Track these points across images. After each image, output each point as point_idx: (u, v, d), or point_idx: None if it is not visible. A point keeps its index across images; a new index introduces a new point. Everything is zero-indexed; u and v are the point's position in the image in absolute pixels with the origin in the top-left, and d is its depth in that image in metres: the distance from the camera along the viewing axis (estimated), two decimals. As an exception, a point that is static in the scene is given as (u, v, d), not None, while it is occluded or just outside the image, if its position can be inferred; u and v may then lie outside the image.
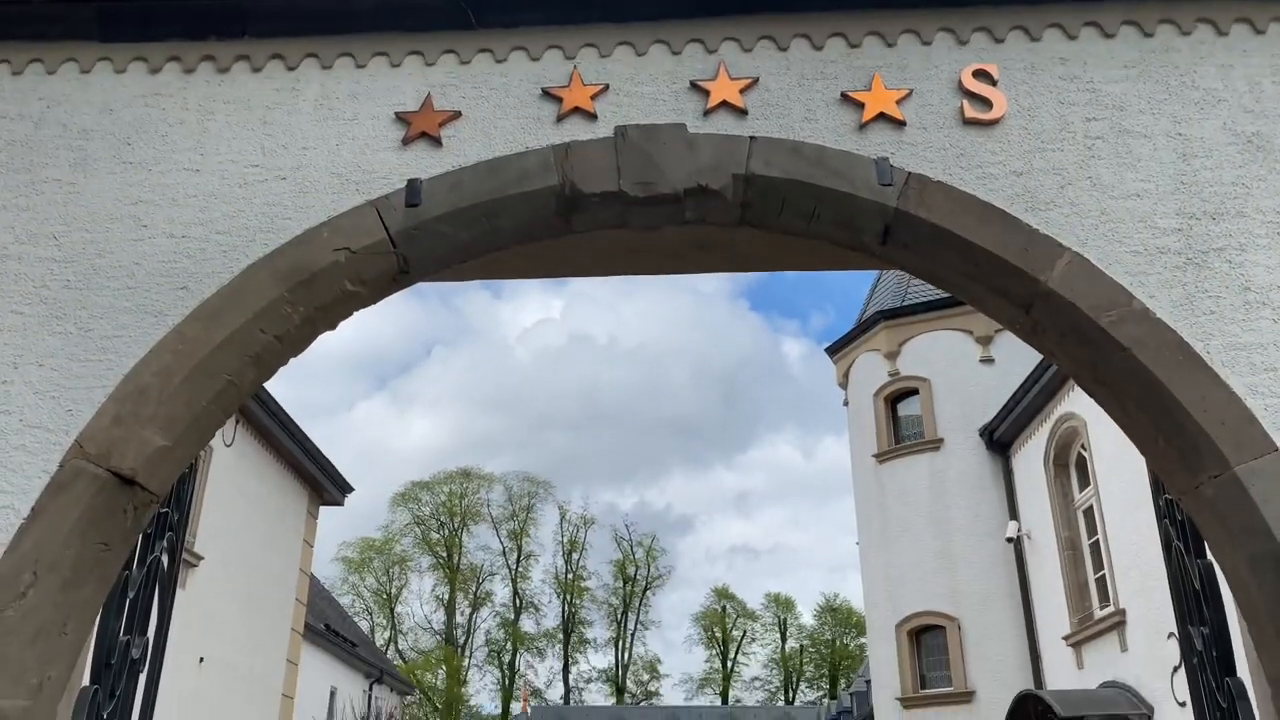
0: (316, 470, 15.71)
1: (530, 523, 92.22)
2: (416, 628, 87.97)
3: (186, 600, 11.95)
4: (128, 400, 3.89)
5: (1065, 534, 13.87)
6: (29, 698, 3.52)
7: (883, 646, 16.46)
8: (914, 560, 16.06)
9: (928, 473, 16.40)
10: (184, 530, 5.38)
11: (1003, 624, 15.15)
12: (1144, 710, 11.33)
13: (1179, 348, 3.86)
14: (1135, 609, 11.68)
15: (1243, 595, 3.75)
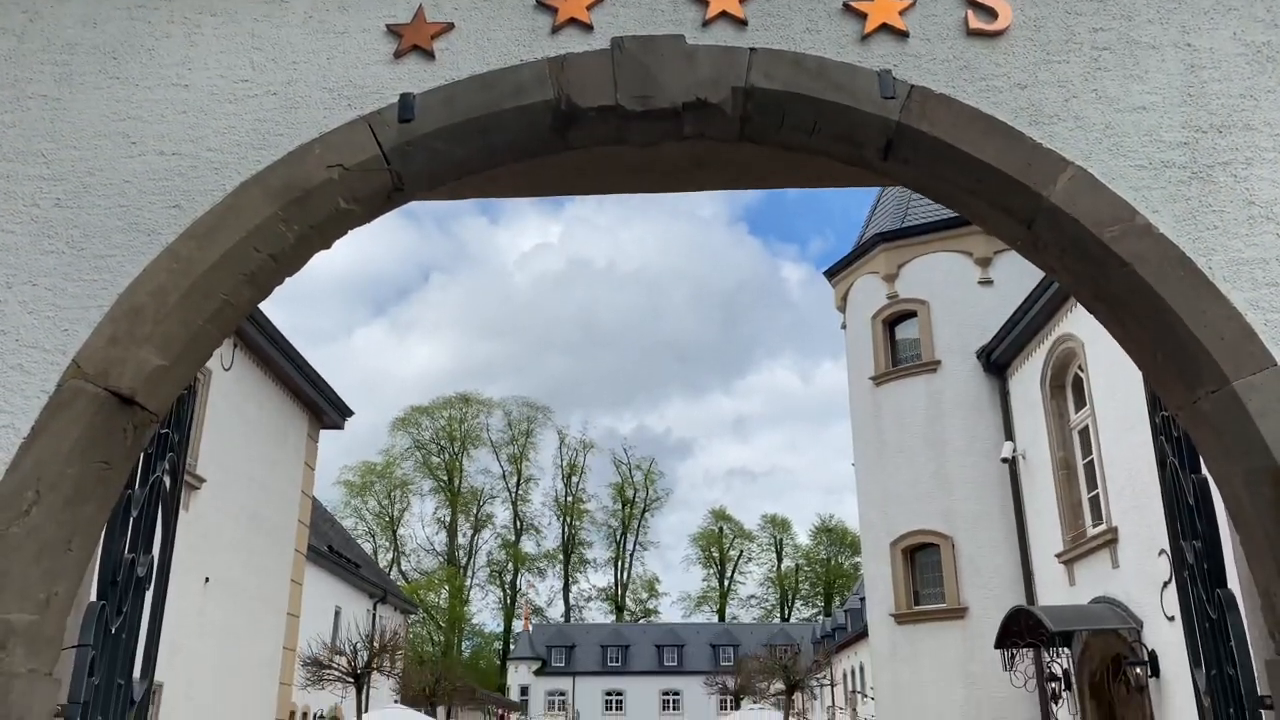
0: (315, 394, 15.77)
1: (530, 447, 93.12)
2: (419, 549, 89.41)
3: (190, 522, 12.10)
4: (123, 320, 3.87)
5: (1060, 454, 14.00)
6: (37, 612, 3.57)
7: (877, 564, 16.73)
8: (909, 481, 16.23)
9: (925, 394, 16.48)
10: (185, 451, 5.41)
11: (996, 542, 15.39)
12: (1133, 624, 11.56)
13: (1181, 263, 3.83)
14: (1127, 527, 11.84)
15: (1236, 509, 3.79)
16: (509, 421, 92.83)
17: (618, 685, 75.24)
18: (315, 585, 31.14)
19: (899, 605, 15.96)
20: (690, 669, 73.26)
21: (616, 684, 75.22)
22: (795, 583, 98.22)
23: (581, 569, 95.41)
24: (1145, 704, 11.46)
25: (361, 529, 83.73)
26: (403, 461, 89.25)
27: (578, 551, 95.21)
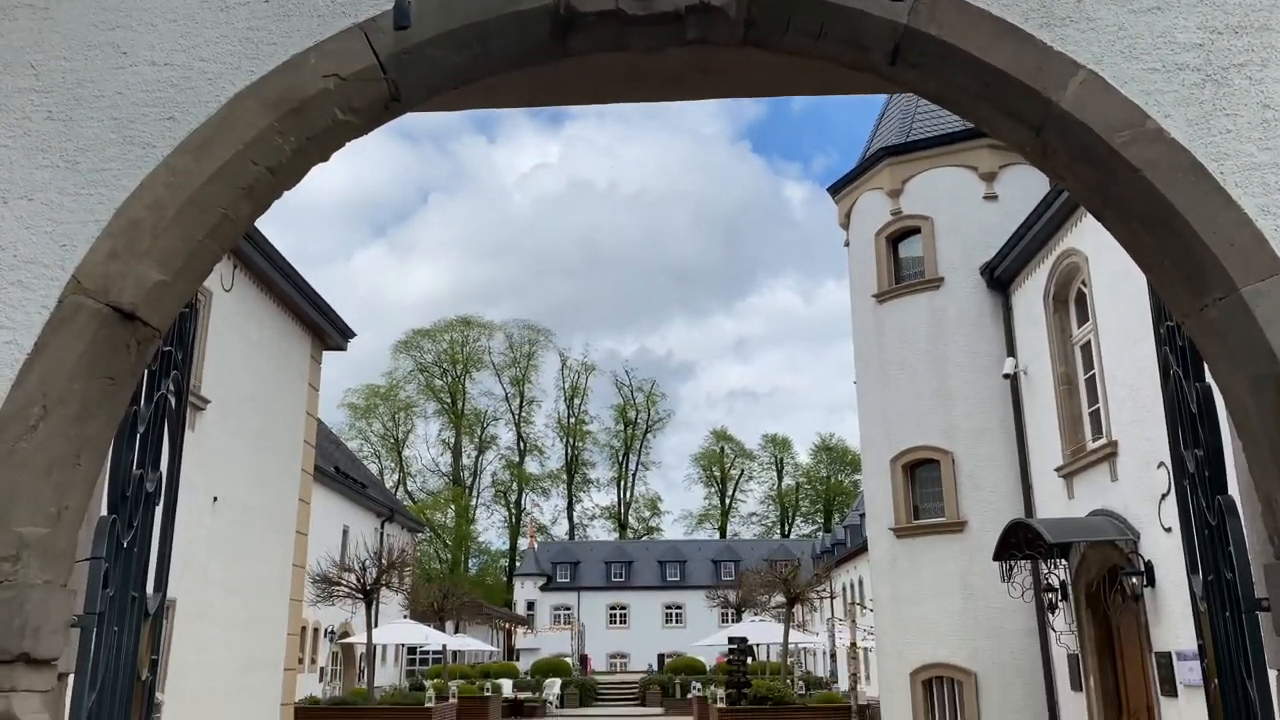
0: (317, 315, 15.76)
1: (532, 369, 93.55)
2: (424, 470, 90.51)
3: (197, 442, 12.20)
4: (122, 234, 3.83)
5: (1062, 369, 14.03)
6: (49, 525, 3.61)
7: (877, 480, 16.90)
8: (911, 397, 16.30)
9: (927, 311, 16.45)
10: (189, 369, 5.42)
11: (996, 457, 15.52)
12: (1130, 536, 11.72)
13: (1192, 168, 3.77)
14: (1127, 440, 11.92)
15: (1241, 416, 3.79)
16: (510, 344, 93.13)
17: (621, 600, 76.79)
18: (323, 505, 31.59)
19: (899, 520, 16.17)
20: (692, 584, 74.67)
21: (620, 599, 76.77)
22: (795, 500, 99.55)
23: (585, 489, 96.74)
24: (1140, 613, 11.68)
25: (367, 450, 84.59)
26: (406, 384, 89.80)
27: (581, 472, 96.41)
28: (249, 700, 13.69)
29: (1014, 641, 14.75)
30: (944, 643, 15.18)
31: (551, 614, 74.96)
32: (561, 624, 71.12)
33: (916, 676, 15.44)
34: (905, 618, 15.79)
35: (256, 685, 13.93)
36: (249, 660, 13.72)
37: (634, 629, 75.17)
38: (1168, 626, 11.07)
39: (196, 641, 12.28)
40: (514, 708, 36.05)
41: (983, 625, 14.92)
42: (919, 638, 15.51)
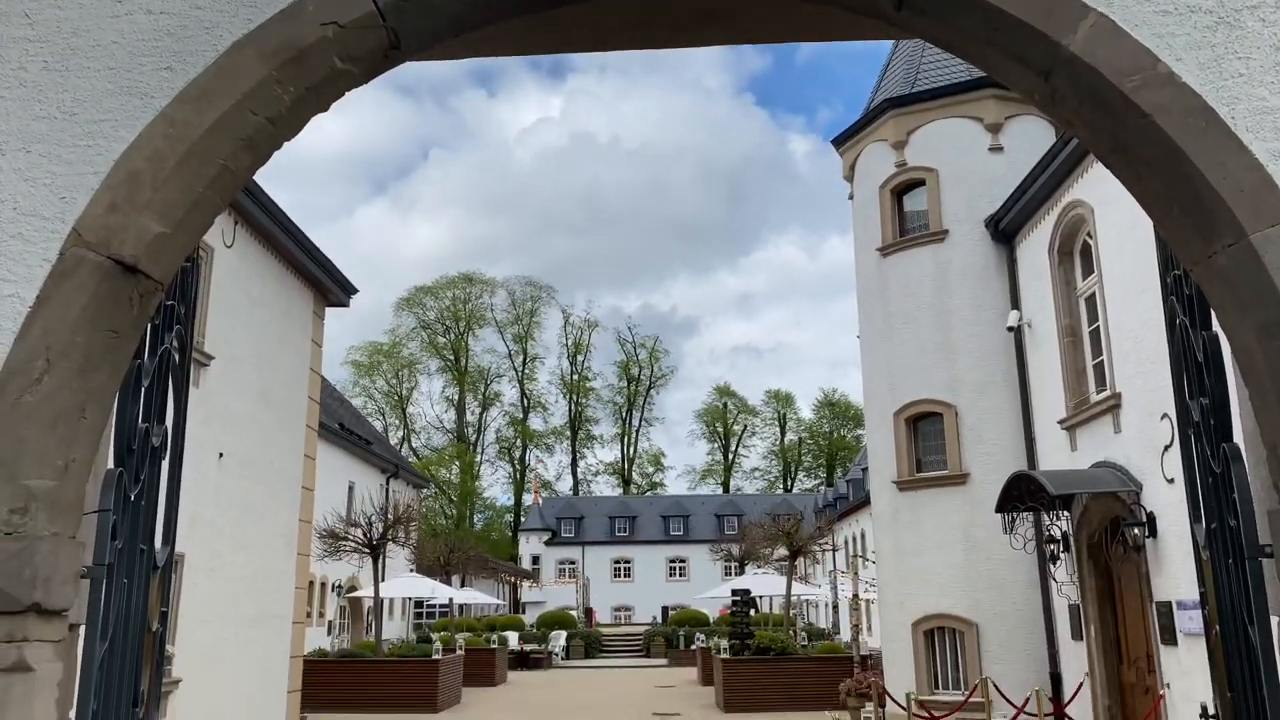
0: (319, 271, 15.71)
1: (534, 326, 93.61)
2: (429, 427, 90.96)
3: (201, 398, 12.23)
4: (122, 186, 3.81)
5: (1066, 321, 14.00)
6: (56, 478, 3.63)
7: (880, 433, 16.94)
8: (914, 351, 16.29)
9: (932, 265, 16.38)
10: (192, 323, 5.41)
11: (999, 410, 15.54)
12: (1133, 487, 11.76)
13: (1202, 113, 3.72)
14: (1131, 392, 11.92)
15: (1247, 363, 3.78)
16: (513, 301, 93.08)
17: (625, 554, 77.47)
18: (328, 461, 31.76)
19: (901, 473, 16.23)
20: (696, 538, 75.26)
21: (624, 553, 77.44)
22: (798, 455, 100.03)
23: (588, 445, 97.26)
24: (1141, 563, 11.76)
25: (371, 408, 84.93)
26: (409, 341, 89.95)
27: (584, 428, 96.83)
28: (258, 652, 13.86)
29: (1015, 592, 14.88)
30: (946, 594, 15.32)
31: (556, 568, 75.69)
32: (566, 578, 71.81)
33: (918, 627, 15.60)
34: (907, 569, 15.91)
35: (265, 638, 14.10)
36: (257, 614, 13.88)
37: (638, 582, 75.92)
38: (1168, 576, 11.15)
39: (205, 595, 12.41)
40: (520, 659, 36.52)
41: (984, 576, 15.03)
42: (921, 589, 15.64)
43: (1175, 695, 11.06)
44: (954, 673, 15.27)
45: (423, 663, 21.24)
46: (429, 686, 20.71)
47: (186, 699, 11.81)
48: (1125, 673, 12.88)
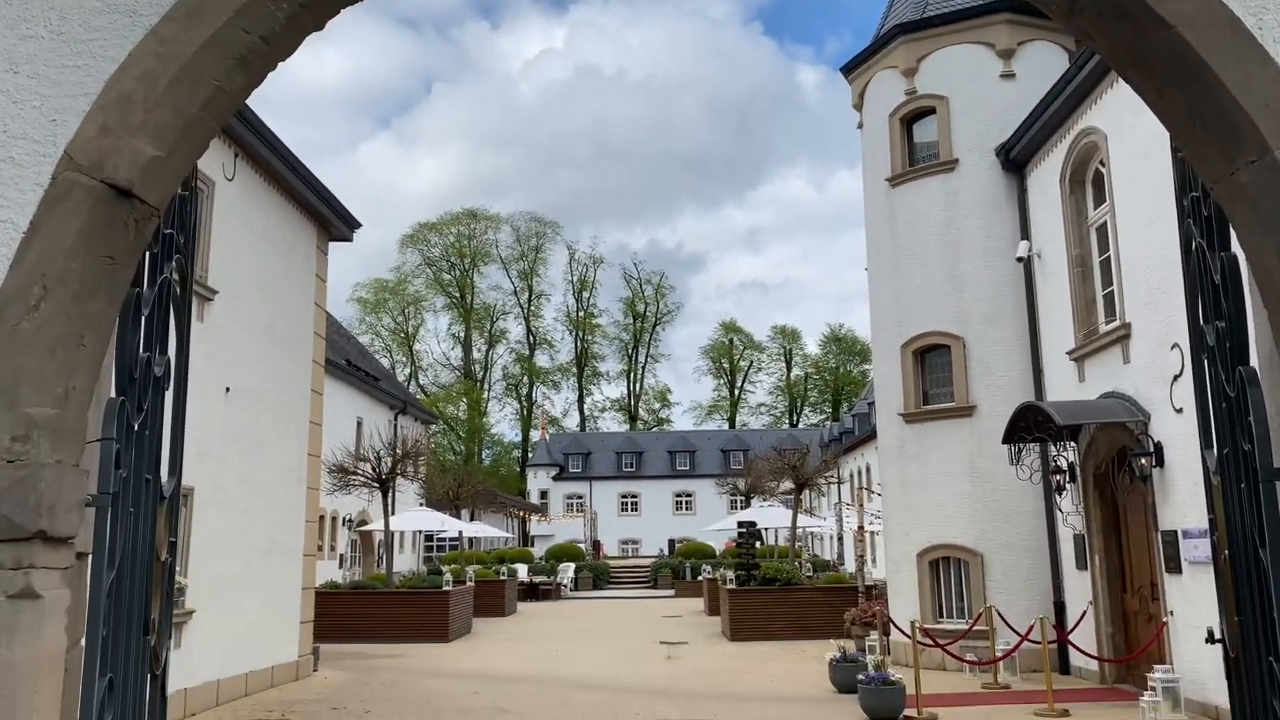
0: (322, 205, 15.58)
1: (539, 262, 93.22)
2: (435, 364, 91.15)
3: (206, 332, 12.20)
4: (113, 108, 3.71)
5: (1076, 251, 13.85)
6: (56, 406, 3.59)
7: (887, 366, 16.89)
8: (922, 283, 16.16)
9: (941, 195, 16.16)
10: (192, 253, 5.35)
11: (1007, 342, 15.46)
12: (1141, 417, 11.72)
13: (1229, 24, 3.58)
14: (1140, 322, 11.83)
15: (1267, 283, 3.70)
16: (518, 237, 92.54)
17: (633, 489, 78.16)
18: (336, 397, 31.87)
19: (908, 405, 16.21)
20: (702, 473, 75.88)
21: (631, 487, 78.13)
22: (804, 390, 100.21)
23: (595, 381, 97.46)
24: (1148, 493, 11.77)
25: (378, 345, 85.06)
26: (414, 278, 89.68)
27: (591, 365, 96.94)
28: (270, 584, 14.04)
29: (1020, 523, 14.95)
30: (951, 524, 15.40)
31: (564, 502, 76.47)
32: (574, 512, 72.56)
33: (923, 557, 15.71)
34: (913, 501, 15.98)
35: (277, 570, 14.27)
36: (269, 546, 14.02)
37: (645, 516, 76.73)
38: (1174, 506, 11.17)
39: (216, 528, 12.52)
40: (529, 591, 37.04)
41: (989, 507, 15.09)
42: (927, 520, 15.72)
43: (1178, 622, 11.15)
44: (958, 602, 15.42)
45: (433, 594, 21.52)
46: (440, 617, 21.02)
47: (200, 629, 11.98)
48: (1128, 601, 12.99)
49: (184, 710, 11.53)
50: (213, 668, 12.32)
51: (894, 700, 10.88)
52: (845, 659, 13.07)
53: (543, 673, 15.76)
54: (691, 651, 18.85)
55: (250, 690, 13.30)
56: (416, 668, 16.52)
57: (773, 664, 16.57)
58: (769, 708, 12.02)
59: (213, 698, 12.27)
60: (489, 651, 19.17)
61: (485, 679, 15.03)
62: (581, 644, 20.33)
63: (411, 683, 14.60)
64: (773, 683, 14.31)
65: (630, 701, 12.67)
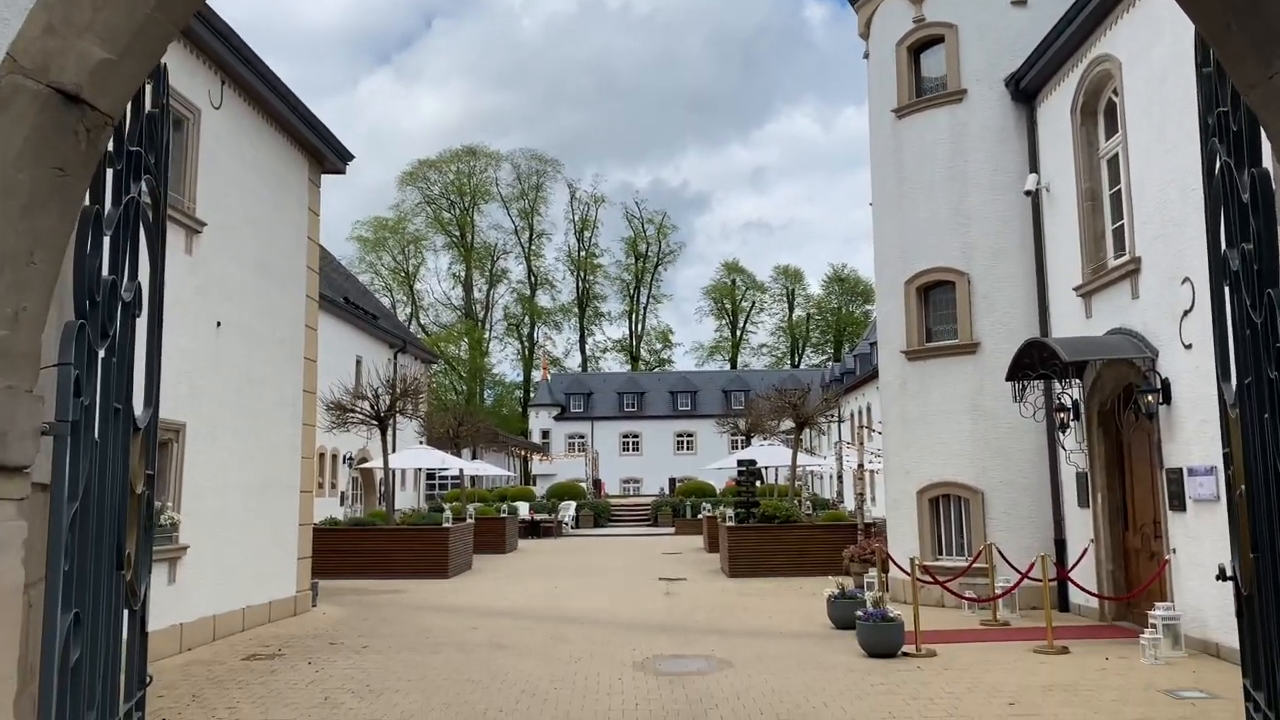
0: (313, 136, 15.20)
1: (540, 201, 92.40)
2: (436, 304, 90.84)
3: (196, 266, 11.94)
4: (58, 6, 3.42)
5: (1086, 184, 13.50)
6: (7, 327, 3.37)
7: (891, 303, 16.63)
8: (928, 217, 15.83)
9: (948, 127, 15.75)
10: (164, 174, 5.10)
11: (1013, 277, 15.17)
12: (1148, 354, 11.50)
13: (1270, -88, 3.28)
14: (1151, 256, 11.54)
15: (1303, 196, 3.44)
16: (518, 175, 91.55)
17: (634, 429, 78.38)
18: (334, 335, 31.69)
19: (911, 342, 15.98)
20: (703, 413, 76.10)
21: (633, 427, 78.36)
22: (806, 331, 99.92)
23: (596, 321, 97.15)
24: (1154, 430, 11.59)
25: (378, 284, 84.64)
26: (414, 217, 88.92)
27: (592, 305, 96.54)
28: (267, 520, 13.96)
29: (1022, 460, 14.81)
30: (952, 462, 15.27)
31: (566, 442, 76.72)
32: (576, 451, 72.83)
33: (923, 495, 15.61)
34: (914, 438, 15.83)
35: (273, 506, 14.18)
36: (265, 482, 13.91)
37: (646, 456, 77.05)
38: (1180, 443, 11.00)
39: (210, 464, 12.39)
40: (531, 528, 37.23)
41: (991, 445, 14.95)
42: (927, 458, 15.59)
43: (1181, 560, 11.05)
44: (958, 539, 15.35)
45: (434, 530, 21.54)
46: (439, 553, 21.05)
47: (195, 565, 11.91)
48: (1130, 539, 12.89)
49: (180, 645, 11.51)
50: (209, 603, 12.28)
51: (893, 636, 10.82)
52: (844, 596, 13.02)
53: (541, 608, 15.78)
54: (690, 588, 18.88)
55: (248, 625, 13.29)
56: (415, 603, 16.55)
57: (770, 600, 16.59)
58: (766, 643, 11.99)
59: (209, 633, 12.26)
60: (488, 587, 19.22)
61: (484, 614, 15.04)
62: (581, 580, 20.38)
63: (410, 618, 14.61)
64: (770, 618, 14.30)
65: (628, 636, 12.65)
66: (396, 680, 9.87)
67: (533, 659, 11.04)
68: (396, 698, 9.04)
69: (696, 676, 9.95)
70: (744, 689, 9.29)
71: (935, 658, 10.79)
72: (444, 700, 8.91)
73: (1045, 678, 9.61)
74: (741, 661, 10.74)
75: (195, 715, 8.38)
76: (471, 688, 9.46)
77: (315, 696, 9.11)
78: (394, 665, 10.70)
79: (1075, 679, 9.52)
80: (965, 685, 9.32)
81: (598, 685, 9.57)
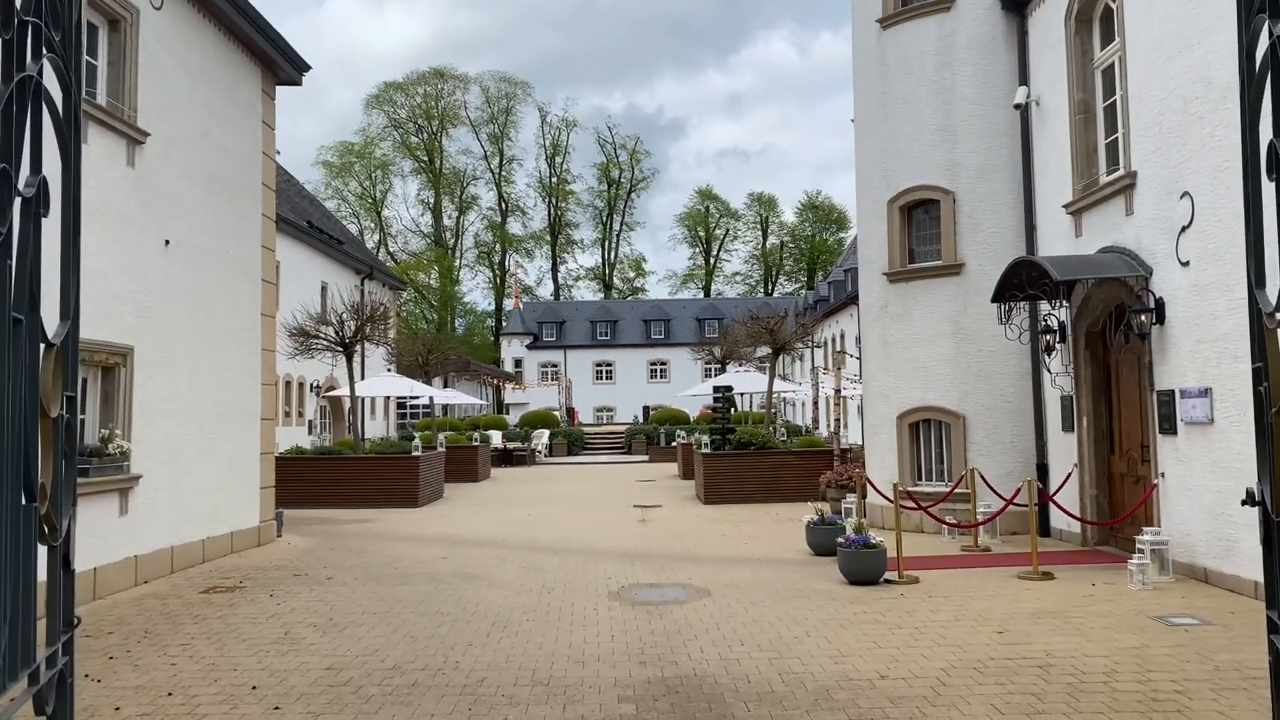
0: (266, 44, 14.30)
1: (510, 126, 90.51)
2: (405, 231, 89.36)
3: (139, 179, 11.18)
4: None
5: (1079, 96, 12.92)
6: None
7: (872, 224, 16.09)
8: (912, 133, 15.22)
9: (935, 38, 15.07)
10: (74, 55, 4.42)
11: (999, 196, 14.66)
12: (1142, 272, 11.08)
13: None
14: (1148, 169, 11.04)
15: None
16: (487, 98, 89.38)
17: (607, 357, 77.99)
18: (298, 260, 30.81)
19: (893, 264, 15.50)
20: (677, 341, 75.79)
21: (606, 356, 77.96)
22: (779, 259, 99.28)
23: (569, 249, 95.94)
24: (1145, 352, 11.22)
25: (345, 211, 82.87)
26: (380, 142, 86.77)
27: (564, 233, 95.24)
28: (226, 448, 13.41)
29: (1005, 384, 14.48)
30: (932, 386, 14.92)
31: (539, 371, 76.29)
32: (549, 380, 72.43)
33: (903, 420, 15.28)
34: (894, 362, 15.45)
35: (232, 434, 13.62)
36: (222, 409, 13.33)
37: (619, 384, 76.81)
38: (1173, 365, 10.64)
39: (163, 390, 11.79)
40: (504, 457, 36.90)
41: (974, 369, 14.59)
42: (908, 382, 15.23)
43: (1169, 484, 10.77)
44: (938, 465, 15.07)
45: (403, 459, 21.07)
46: (410, 482, 20.63)
47: (149, 495, 11.38)
48: (1115, 463, 12.63)
49: (135, 578, 11.04)
50: (165, 534, 11.79)
51: (876, 563, 10.52)
52: (823, 522, 12.73)
53: (514, 537, 15.42)
54: (665, 515, 18.61)
55: (208, 557, 12.83)
56: (384, 533, 16.15)
57: (746, 526, 16.33)
58: (744, 570, 11.69)
59: (167, 565, 11.78)
60: (460, 516, 18.85)
61: (455, 544, 14.66)
62: (554, 508, 20.07)
63: (378, 548, 14.21)
64: (747, 545, 14.02)
65: (602, 565, 12.32)
66: (361, 613, 9.46)
67: (504, 589, 10.67)
68: (360, 631, 8.63)
69: (674, 606, 9.62)
70: (723, 618, 8.96)
71: (918, 584, 10.52)
72: (409, 633, 8.51)
73: (1032, 604, 9.35)
74: (719, 590, 10.42)
75: (146, 653, 7.93)
76: (440, 620, 9.07)
77: (275, 631, 8.69)
78: (359, 597, 10.30)
79: (1063, 605, 9.26)
80: (951, 613, 9.04)
81: (572, 616, 9.21)
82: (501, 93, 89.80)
